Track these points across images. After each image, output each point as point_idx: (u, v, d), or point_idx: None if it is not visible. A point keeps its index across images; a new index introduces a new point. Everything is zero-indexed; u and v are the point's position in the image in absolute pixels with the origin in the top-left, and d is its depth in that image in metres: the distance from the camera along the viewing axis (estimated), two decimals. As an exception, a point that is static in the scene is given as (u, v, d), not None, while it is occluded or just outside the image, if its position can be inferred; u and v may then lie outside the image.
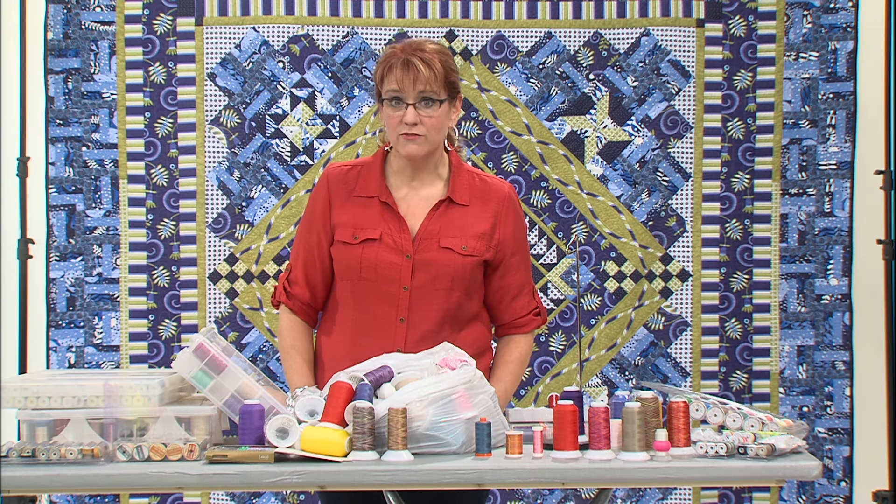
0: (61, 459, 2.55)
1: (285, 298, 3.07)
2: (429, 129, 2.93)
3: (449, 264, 2.96)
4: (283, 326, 3.08)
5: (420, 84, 2.90)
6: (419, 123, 2.92)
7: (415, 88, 2.90)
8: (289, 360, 3.04)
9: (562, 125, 4.26)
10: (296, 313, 3.07)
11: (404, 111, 2.91)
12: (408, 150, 2.95)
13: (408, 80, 2.90)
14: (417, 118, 2.91)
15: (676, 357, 4.26)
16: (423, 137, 2.93)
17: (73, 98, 4.20)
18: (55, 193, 4.20)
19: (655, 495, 4.26)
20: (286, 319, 3.08)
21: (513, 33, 4.25)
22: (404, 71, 2.90)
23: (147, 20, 4.21)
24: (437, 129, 2.95)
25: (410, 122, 2.91)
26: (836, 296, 4.26)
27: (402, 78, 2.90)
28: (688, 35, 4.26)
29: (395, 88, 2.91)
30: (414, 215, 3.00)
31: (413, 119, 2.91)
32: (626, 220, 4.27)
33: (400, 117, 2.92)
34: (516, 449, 2.60)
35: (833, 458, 4.25)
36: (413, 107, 2.91)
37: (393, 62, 2.92)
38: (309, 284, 3.05)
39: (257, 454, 2.54)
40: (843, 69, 4.24)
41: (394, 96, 2.92)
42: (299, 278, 3.05)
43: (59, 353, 4.20)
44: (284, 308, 3.08)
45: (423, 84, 2.90)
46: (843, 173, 4.25)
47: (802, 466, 2.56)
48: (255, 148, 4.23)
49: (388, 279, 2.95)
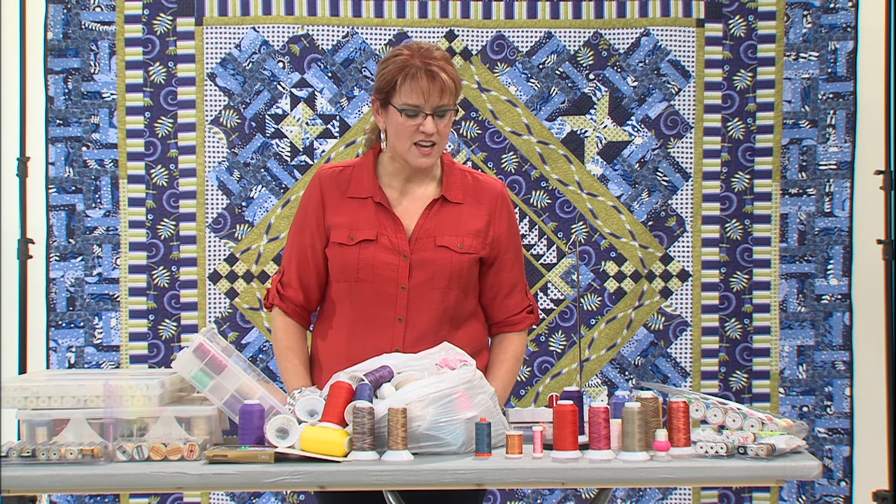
0: (61, 459, 2.55)
1: (279, 301, 3.06)
2: (441, 139, 2.95)
3: (446, 262, 2.96)
4: (278, 329, 3.07)
5: (444, 97, 2.90)
6: (435, 133, 2.92)
7: (437, 100, 2.90)
8: (285, 362, 3.04)
9: (562, 125, 4.26)
10: (290, 315, 3.07)
11: (422, 121, 2.90)
12: (421, 163, 2.95)
13: (434, 92, 2.89)
14: (435, 128, 2.91)
15: (676, 357, 4.26)
16: (437, 147, 2.94)
17: (73, 98, 4.20)
18: (55, 193, 4.20)
19: (655, 495, 4.26)
20: (280, 322, 3.07)
21: (513, 33, 4.25)
22: (431, 82, 2.89)
23: (147, 20, 4.21)
24: (446, 137, 2.97)
25: (430, 132, 2.91)
26: (836, 296, 4.26)
27: (428, 89, 2.88)
28: (688, 35, 4.26)
29: (418, 102, 2.89)
30: (409, 215, 3.00)
31: (432, 129, 2.90)
32: (626, 220, 4.27)
33: (416, 126, 2.91)
34: (516, 449, 2.60)
35: (833, 458, 4.25)
36: (431, 117, 2.90)
37: (414, 71, 2.89)
38: (303, 286, 3.05)
39: (257, 454, 2.54)
40: (843, 69, 4.24)
41: (413, 109, 2.90)
42: (293, 280, 3.05)
43: (59, 353, 4.20)
44: (278, 310, 3.08)
45: (446, 97, 2.90)
46: (843, 173, 4.25)
47: (802, 466, 2.56)
48: (255, 148, 4.23)
49: (386, 279, 2.96)
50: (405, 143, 2.93)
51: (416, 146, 2.93)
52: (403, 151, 2.95)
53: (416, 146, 2.93)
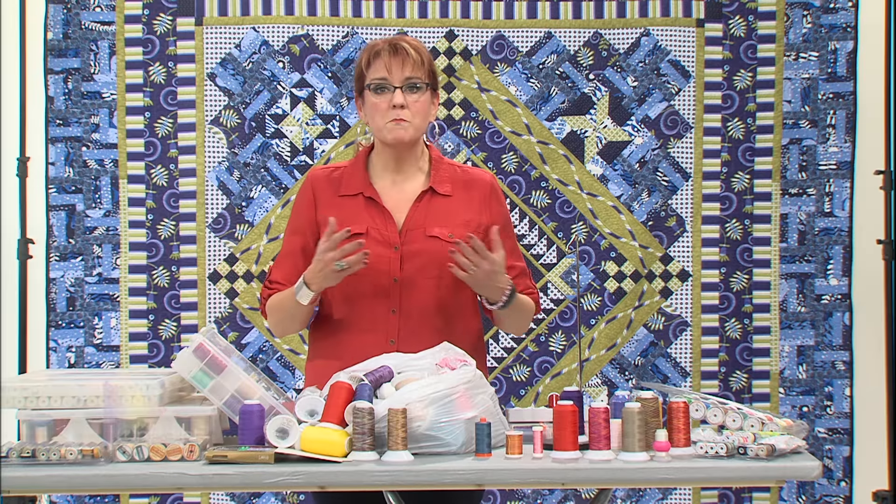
0: (61, 460, 2.55)
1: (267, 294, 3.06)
2: (414, 115, 2.97)
3: (437, 252, 2.97)
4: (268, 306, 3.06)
5: (408, 68, 2.96)
6: (406, 108, 2.95)
7: (402, 72, 2.95)
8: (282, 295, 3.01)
9: (562, 125, 4.26)
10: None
11: (391, 95, 2.95)
12: (395, 135, 2.97)
13: (396, 64, 2.95)
14: (405, 101, 2.94)
15: (676, 357, 4.26)
16: (409, 123, 2.97)
17: (73, 98, 4.20)
18: (55, 193, 4.20)
19: (655, 495, 4.26)
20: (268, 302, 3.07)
21: (513, 33, 4.25)
22: (392, 55, 2.96)
23: (147, 20, 4.21)
24: (422, 115, 2.99)
25: (399, 104, 2.95)
26: (836, 296, 4.26)
27: (390, 62, 2.96)
28: (688, 35, 4.26)
29: (383, 75, 2.96)
30: (398, 208, 3.02)
31: (401, 101, 2.95)
32: (626, 220, 4.27)
33: (387, 101, 2.96)
34: (516, 449, 2.60)
35: (833, 458, 4.25)
36: (400, 90, 2.95)
37: (379, 49, 2.99)
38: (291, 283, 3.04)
39: (257, 454, 2.54)
40: (843, 69, 4.24)
41: (380, 82, 2.96)
42: (280, 278, 3.04)
43: (59, 353, 4.20)
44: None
45: (410, 68, 2.96)
46: (843, 173, 4.25)
47: (802, 466, 2.56)
48: (255, 148, 4.23)
49: (378, 272, 2.96)
50: (380, 121, 2.98)
51: (391, 122, 2.96)
52: (380, 130, 2.99)
53: (389, 122, 2.96)
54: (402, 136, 2.98)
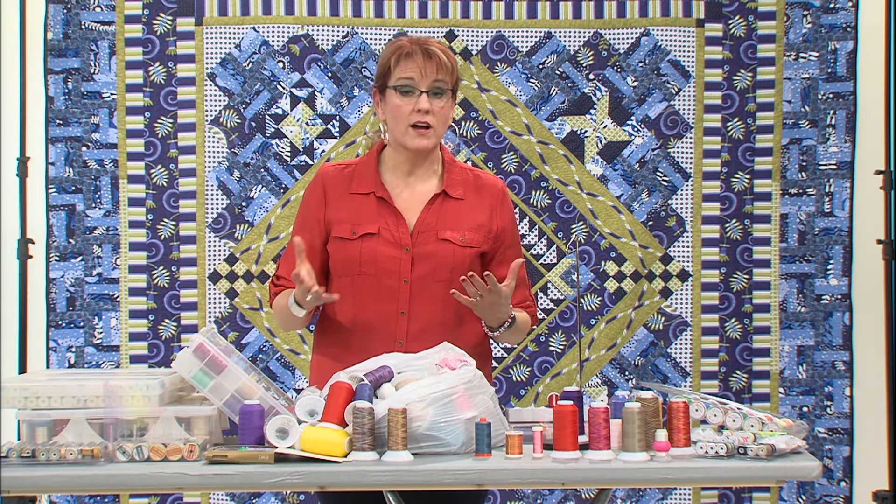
0: (61, 460, 2.55)
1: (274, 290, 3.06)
2: (438, 121, 2.96)
3: (448, 256, 2.97)
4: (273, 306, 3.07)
5: (440, 73, 2.93)
6: (430, 113, 2.93)
7: (432, 76, 2.93)
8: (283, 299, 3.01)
9: (562, 125, 4.26)
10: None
11: (416, 99, 2.93)
12: (418, 144, 2.96)
13: (430, 67, 2.93)
14: (430, 106, 2.93)
15: (676, 357, 4.26)
16: (433, 130, 2.95)
17: (73, 98, 4.20)
18: (55, 193, 4.20)
19: (655, 495, 4.26)
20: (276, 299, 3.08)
21: (513, 33, 4.25)
22: (426, 59, 2.93)
23: (147, 20, 4.21)
24: (444, 121, 2.98)
25: (425, 109, 2.93)
26: (836, 296, 4.26)
27: (423, 66, 2.93)
28: (688, 35, 4.26)
29: (411, 76, 2.93)
30: (410, 210, 3.01)
31: (426, 106, 2.92)
32: (626, 220, 4.27)
33: (412, 105, 2.93)
34: (516, 449, 2.60)
35: (833, 458, 4.25)
36: (426, 95, 2.93)
37: (409, 50, 2.94)
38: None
39: (257, 454, 2.54)
40: (843, 69, 4.24)
41: (407, 84, 2.93)
42: (285, 274, 3.04)
43: (59, 353, 4.20)
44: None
45: (441, 73, 2.93)
46: (843, 173, 4.25)
47: (802, 466, 2.56)
48: (255, 148, 4.23)
49: (388, 273, 2.96)
50: (402, 125, 2.95)
51: (413, 128, 2.94)
52: (401, 134, 2.96)
53: (412, 128, 2.94)
54: (425, 146, 2.97)
